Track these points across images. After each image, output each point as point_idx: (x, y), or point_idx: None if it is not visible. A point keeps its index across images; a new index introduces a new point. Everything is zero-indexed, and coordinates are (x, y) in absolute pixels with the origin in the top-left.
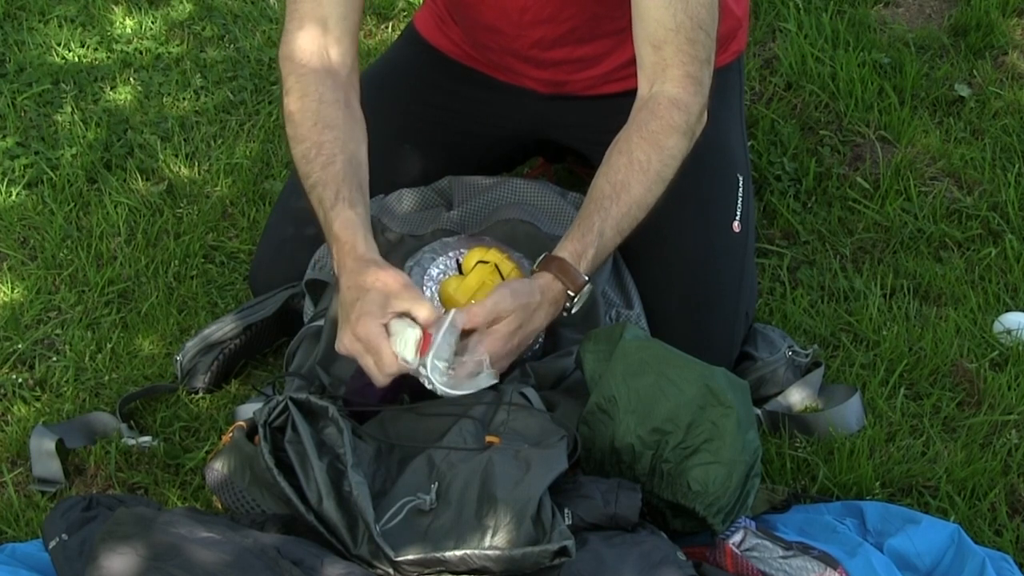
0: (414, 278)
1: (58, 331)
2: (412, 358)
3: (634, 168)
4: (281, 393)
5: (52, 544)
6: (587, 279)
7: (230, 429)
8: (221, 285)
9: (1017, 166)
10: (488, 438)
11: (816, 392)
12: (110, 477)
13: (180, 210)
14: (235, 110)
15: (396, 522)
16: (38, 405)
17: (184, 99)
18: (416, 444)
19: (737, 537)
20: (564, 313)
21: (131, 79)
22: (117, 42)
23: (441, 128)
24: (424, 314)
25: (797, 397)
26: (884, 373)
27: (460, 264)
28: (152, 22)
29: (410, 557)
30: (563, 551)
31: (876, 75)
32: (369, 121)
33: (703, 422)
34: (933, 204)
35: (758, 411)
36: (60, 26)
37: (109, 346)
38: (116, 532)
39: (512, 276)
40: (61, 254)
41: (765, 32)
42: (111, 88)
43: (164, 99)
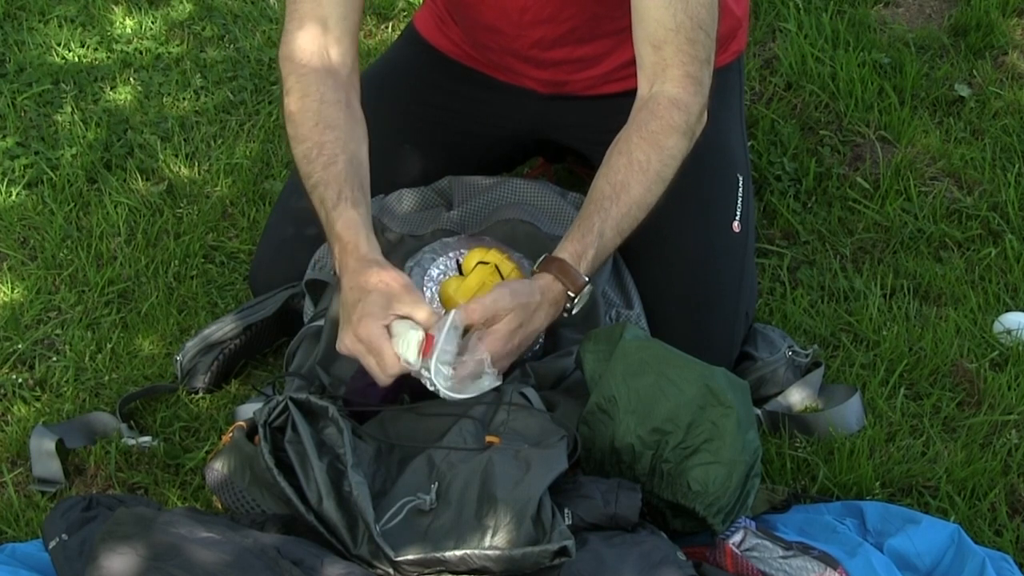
0: (414, 278)
1: (58, 331)
2: (415, 360)
3: (634, 168)
4: (281, 393)
5: (52, 544)
6: (587, 280)
7: (230, 429)
8: (221, 285)
9: (1017, 166)
10: (488, 438)
11: (816, 392)
12: (110, 477)
13: (180, 210)
14: (235, 110)
15: (396, 522)
16: (38, 405)
17: (184, 99)
18: (416, 444)
19: (737, 537)
20: (564, 314)
21: (131, 79)
22: (117, 42)
23: (441, 128)
24: (423, 318)
25: (797, 397)
26: (884, 373)
27: (460, 265)
28: (152, 22)
29: (410, 557)
30: (563, 551)
31: (876, 75)
32: (369, 121)
33: (703, 422)
34: (933, 204)
35: (758, 411)
36: (60, 26)
37: (109, 346)
38: (116, 532)
39: (512, 277)
40: (61, 254)
41: (765, 32)
42: (111, 88)
43: (164, 99)
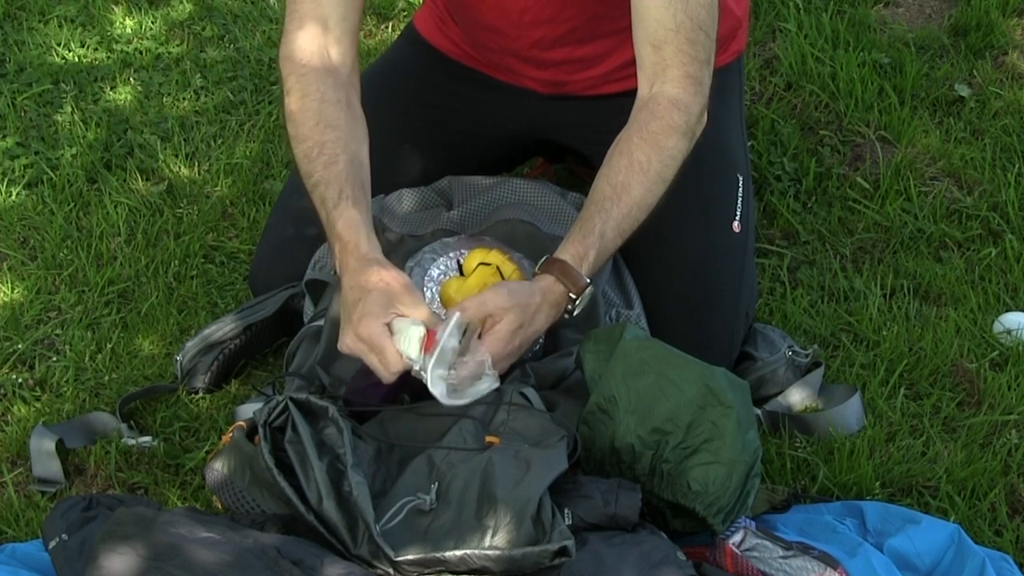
0: (414, 278)
1: (58, 331)
2: (416, 355)
3: (634, 169)
4: (281, 393)
5: (52, 544)
6: (589, 281)
7: (230, 429)
8: (221, 285)
9: (1017, 166)
10: (488, 438)
11: (816, 392)
12: (110, 477)
13: (180, 210)
14: (235, 110)
15: (396, 522)
16: (38, 405)
17: (184, 99)
18: (416, 444)
19: (737, 537)
20: (566, 315)
21: (131, 79)
22: (117, 42)
23: (441, 128)
24: (423, 318)
25: (797, 397)
26: (884, 373)
27: (461, 265)
28: (152, 22)
29: (410, 557)
30: (563, 551)
31: (876, 75)
32: (369, 121)
33: (703, 422)
34: (933, 204)
35: (758, 411)
36: (60, 26)
37: (109, 346)
38: (116, 532)
39: (514, 278)
40: (61, 254)
41: (765, 32)
42: (111, 88)
43: (164, 99)
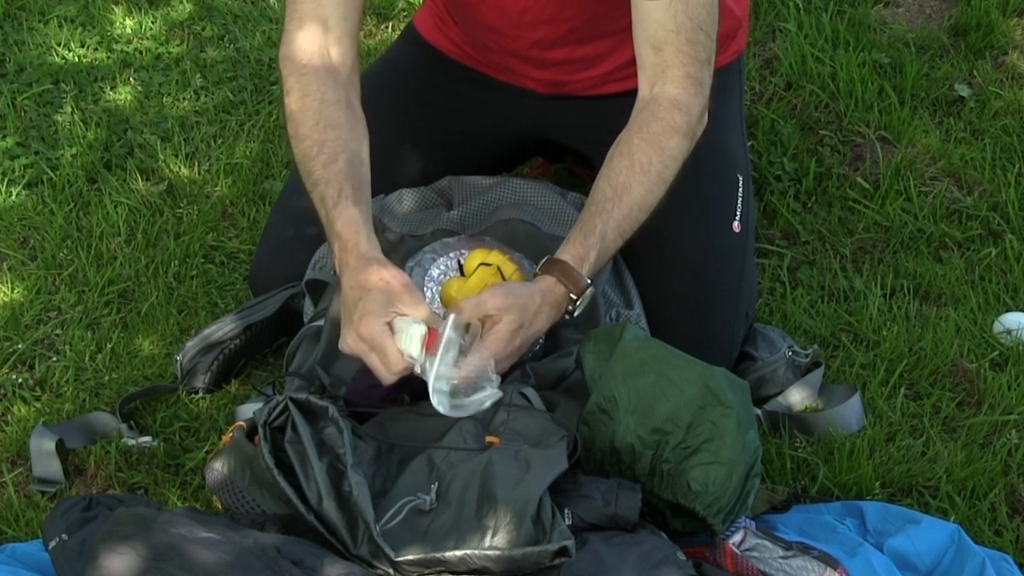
0: (415, 278)
1: (58, 331)
2: (418, 354)
3: (635, 170)
4: (281, 393)
5: (52, 544)
6: (589, 282)
7: (230, 429)
8: (221, 285)
9: (1017, 166)
10: (488, 438)
11: (816, 392)
12: (110, 477)
13: (180, 210)
14: (235, 110)
15: (396, 522)
16: (38, 405)
17: (184, 99)
18: (416, 444)
19: (737, 537)
20: (566, 316)
21: (131, 79)
22: (117, 42)
23: (441, 128)
24: (422, 318)
25: (797, 397)
26: (884, 373)
27: (461, 265)
28: (152, 22)
29: (410, 557)
30: (563, 551)
31: (876, 75)
32: (369, 121)
33: (703, 422)
34: (933, 204)
35: (758, 411)
36: (60, 26)
37: (109, 346)
38: (116, 532)
39: (514, 279)
40: (61, 254)
41: (765, 32)
42: (111, 88)
43: (164, 99)
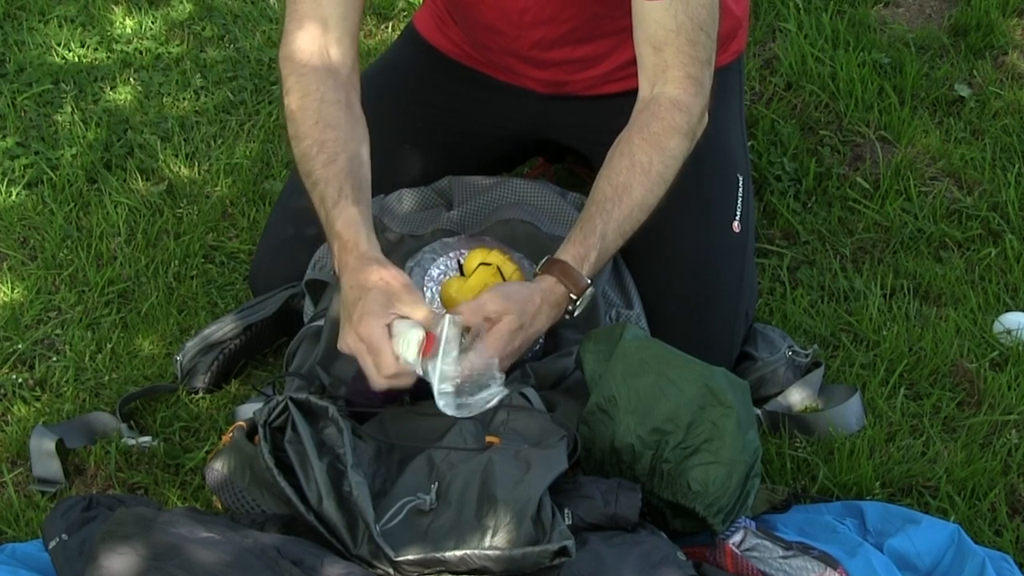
0: (415, 278)
1: (58, 331)
2: (414, 359)
3: (636, 170)
4: (281, 393)
5: (52, 544)
6: (589, 282)
7: (230, 429)
8: (221, 285)
9: (1017, 166)
10: (488, 438)
11: (816, 392)
12: (110, 477)
13: (180, 210)
14: (235, 110)
15: (396, 522)
16: (38, 405)
17: (184, 99)
18: (416, 444)
19: (737, 537)
20: (566, 316)
21: (131, 79)
22: (117, 42)
23: (441, 128)
24: (422, 318)
25: (797, 397)
26: (884, 373)
27: (461, 265)
28: (152, 22)
29: (410, 557)
30: (563, 551)
31: (876, 75)
32: (369, 121)
33: (703, 422)
34: (933, 204)
35: (758, 411)
36: (60, 26)
37: (109, 346)
38: (116, 532)
39: (514, 279)
40: (61, 254)
41: (765, 32)
42: (111, 88)
43: (164, 99)
